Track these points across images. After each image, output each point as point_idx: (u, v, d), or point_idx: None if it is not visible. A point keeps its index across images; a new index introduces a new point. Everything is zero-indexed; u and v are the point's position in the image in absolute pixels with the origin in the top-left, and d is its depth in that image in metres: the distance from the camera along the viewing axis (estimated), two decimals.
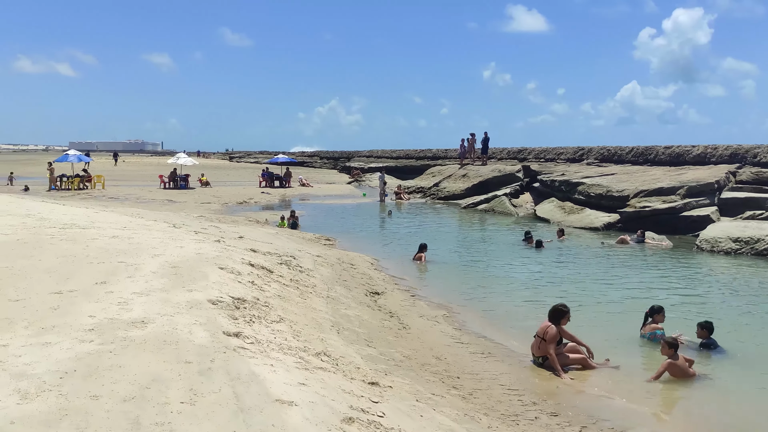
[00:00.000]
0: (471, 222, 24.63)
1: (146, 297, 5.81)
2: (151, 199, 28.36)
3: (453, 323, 9.05)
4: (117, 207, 21.28)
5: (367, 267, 12.83)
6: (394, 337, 7.37)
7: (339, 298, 8.66)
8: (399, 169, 43.79)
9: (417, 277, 13.18)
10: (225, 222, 17.95)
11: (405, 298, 10.34)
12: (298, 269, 9.68)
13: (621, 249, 17.22)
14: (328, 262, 11.73)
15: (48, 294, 5.73)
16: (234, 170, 61.93)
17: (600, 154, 29.57)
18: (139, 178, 44.89)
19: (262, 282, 7.73)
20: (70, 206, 15.16)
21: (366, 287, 10.30)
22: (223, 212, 24.25)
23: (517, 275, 13.65)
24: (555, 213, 23.63)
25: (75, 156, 35.28)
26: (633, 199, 21.12)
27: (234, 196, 31.49)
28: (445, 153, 43.46)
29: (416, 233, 20.45)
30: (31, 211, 12.33)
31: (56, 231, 9.59)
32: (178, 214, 18.83)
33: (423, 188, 35.02)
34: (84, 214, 12.63)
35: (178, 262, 7.61)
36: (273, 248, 11.18)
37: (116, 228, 10.56)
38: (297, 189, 38.31)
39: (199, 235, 11.05)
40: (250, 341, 4.89)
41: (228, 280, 7.11)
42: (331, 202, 31.22)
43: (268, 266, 8.78)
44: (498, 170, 32.37)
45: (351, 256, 13.71)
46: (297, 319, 6.62)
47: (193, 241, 9.61)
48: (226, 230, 13.28)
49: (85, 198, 27.85)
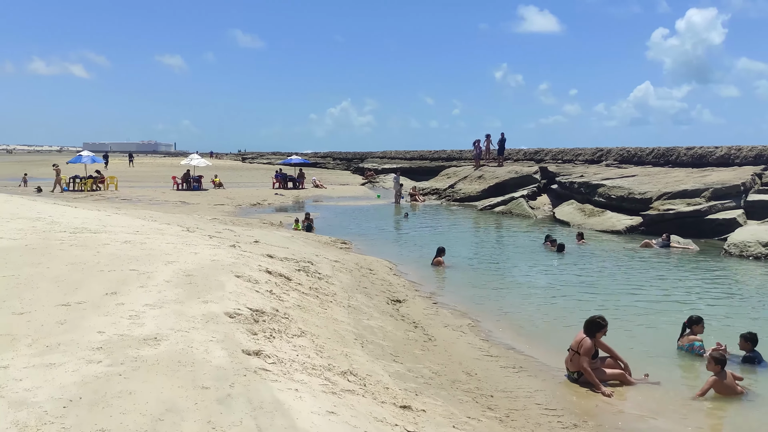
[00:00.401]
0: (489, 224, 24.15)
1: (159, 310, 5.43)
2: (164, 201, 28.11)
3: (479, 333, 8.62)
4: (129, 209, 21.01)
5: (386, 272, 12.41)
6: (420, 350, 6.95)
7: (360, 307, 8.25)
8: (413, 171, 43.29)
9: (437, 282, 12.75)
10: (239, 225, 17.60)
11: (427, 306, 9.91)
12: (317, 276, 9.28)
13: (646, 253, 16.69)
14: (346, 267, 11.33)
15: (55, 306, 5.36)
16: (247, 171, 61.76)
17: (619, 156, 28.96)
18: (152, 179, 44.74)
19: (281, 291, 7.33)
20: (81, 209, 14.87)
21: (387, 295, 9.88)
22: (236, 214, 23.93)
23: (540, 281, 13.18)
24: (575, 215, 23.09)
25: (88, 157, 35.13)
26: (656, 202, 20.55)
27: (247, 197, 31.18)
28: (460, 154, 42.94)
29: (433, 236, 20.02)
30: (41, 214, 12.02)
31: (66, 236, 9.25)
32: (191, 216, 18.51)
33: (438, 190, 34.55)
34: (96, 218, 12.31)
35: (193, 269, 7.23)
36: (290, 253, 10.80)
37: (128, 232, 10.22)
38: (310, 190, 37.96)
39: (213, 239, 10.68)
40: (272, 361, 4.49)
41: (245, 290, 6.72)
42: (345, 204, 30.84)
43: (286, 273, 8.38)
44: (515, 171, 31.84)
45: (369, 261, 13.30)
46: (319, 331, 6.22)
47: (208, 247, 9.24)
48: (240, 234, 12.92)
49: (97, 200, 27.65)
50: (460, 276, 13.46)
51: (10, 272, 6.58)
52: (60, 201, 19.06)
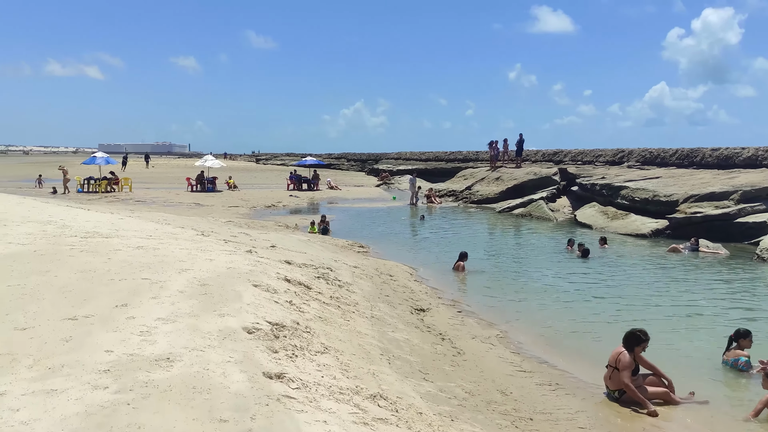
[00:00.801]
0: (508, 227, 23.62)
1: (172, 324, 5.02)
2: (178, 203, 27.85)
3: (509, 345, 8.15)
4: (143, 211, 20.73)
5: (406, 278, 11.97)
6: (450, 366, 6.49)
7: (384, 317, 7.81)
8: (429, 172, 42.77)
9: (460, 289, 12.29)
10: (254, 228, 17.24)
11: (452, 315, 9.45)
12: (337, 284, 8.85)
13: (674, 258, 16.10)
14: (366, 273, 10.90)
15: (61, 320, 4.97)
16: (261, 172, 61.59)
17: (641, 157, 28.26)
18: (166, 181, 44.62)
19: (301, 301, 6.91)
20: (94, 211, 14.56)
21: (410, 303, 9.44)
22: (251, 216, 23.60)
23: (566, 288, 12.65)
24: (597, 218, 22.49)
25: (102, 158, 35.00)
26: (683, 205, 19.92)
27: (262, 199, 30.87)
28: (476, 155, 42.36)
29: (452, 239, 19.56)
30: (53, 217, 11.70)
31: (77, 240, 8.90)
32: (206, 219, 18.18)
33: (455, 191, 34.05)
34: (108, 221, 11.98)
35: (208, 278, 6.83)
36: (308, 259, 10.38)
37: (141, 237, 9.85)
38: (325, 192, 37.61)
39: (229, 244, 10.29)
40: (296, 386, 4.06)
41: (263, 300, 6.31)
42: (360, 206, 30.43)
43: (305, 281, 7.96)
44: (533, 173, 31.28)
45: (389, 266, 12.87)
46: (343, 347, 5.78)
47: (224, 253, 8.85)
48: (256, 238, 12.53)
49: (111, 201, 27.45)
50: (482, 282, 12.99)
51: (17, 281, 6.22)
52: (73, 203, 18.81)
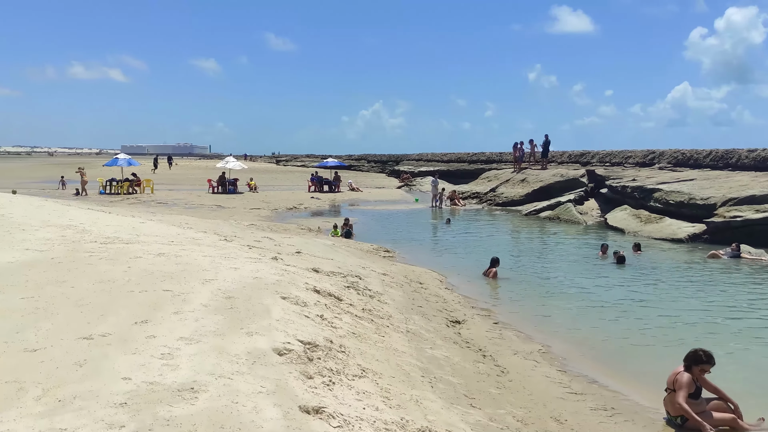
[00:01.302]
0: (536, 231, 22.95)
1: (196, 345, 4.55)
2: (199, 205, 27.60)
3: (553, 362, 7.58)
4: (165, 214, 20.44)
5: (436, 286, 11.44)
6: (496, 388, 5.95)
7: (420, 332, 7.29)
8: (451, 173, 42.15)
9: (493, 297, 11.71)
10: (277, 231, 16.82)
11: (489, 327, 8.90)
12: (368, 293, 8.35)
13: (715, 265, 15.35)
14: (396, 281, 10.39)
15: (75, 340, 4.53)
16: (282, 174, 61.42)
17: (673, 158, 27.42)
18: (188, 182, 44.54)
19: (332, 314, 6.42)
20: (115, 215, 14.24)
21: (444, 314, 8.91)
22: (273, 219, 23.22)
23: (605, 296, 12.00)
24: (629, 222, 21.73)
25: (124, 160, 34.95)
26: (721, 208, 19.11)
27: (283, 201, 30.53)
28: (500, 156, 41.66)
29: (479, 243, 18.98)
30: (73, 221, 11.36)
31: (96, 247, 8.51)
32: (228, 222, 17.80)
33: (479, 193, 33.41)
34: (129, 225, 11.61)
35: (234, 289, 6.36)
36: (336, 266, 9.90)
37: (162, 242, 9.44)
38: (347, 194, 37.19)
39: (253, 250, 9.85)
40: (337, 423, 3.55)
41: (293, 315, 5.82)
42: (382, 208, 29.94)
43: (335, 292, 7.47)
44: (560, 175, 30.54)
45: (417, 273, 12.35)
46: (381, 368, 5.28)
47: (248, 260, 8.39)
48: (281, 243, 12.09)
49: (133, 203, 27.27)
50: (515, 289, 12.41)
51: (31, 293, 5.80)
52: (95, 206, 18.55)
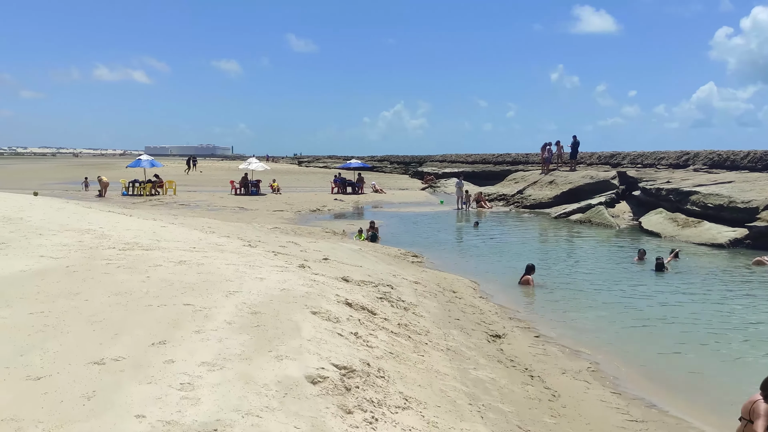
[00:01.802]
0: (567, 234, 22.20)
1: (220, 373, 4.03)
2: (222, 207, 27.27)
3: (605, 383, 6.95)
4: (187, 216, 20.09)
5: (471, 295, 10.84)
6: (551, 417, 5.35)
7: (460, 349, 6.70)
8: (475, 175, 41.44)
9: (530, 307, 11.08)
10: (302, 235, 16.34)
11: (531, 341, 8.28)
12: (402, 305, 7.79)
13: (761, 273, 14.53)
14: (429, 291, 9.82)
15: (85, 365, 4.03)
16: (304, 175, 61.14)
17: (709, 159, 26.46)
18: (210, 184, 44.40)
19: (367, 331, 5.87)
20: (136, 218, 13.85)
21: (483, 328, 8.31)
22: (296, 222, 22.77)
23: (646, 306, 11.26)
24: (666, 226, 20.89)
25: (147, 161, 34.81)
26: (764, 212, 18.20)
27: (306, 203, 30.10)
28: (526, 158, 40.85)
29: (510, 248, 18.32)
30: (92, 225, 10.97)
31: (114, 253, 8.06)
32: (251, 225, 17.36)
33: (505, 195, 32.66)
34: (150, 229, 11.18)
35: (260, 303, 5.84)
36: (365, 274, 9.35)
37: (184, 249, 8.98)
38: (370, 195, 36.67)
39: (278, 257, 9.34)
40: None
41: (326, 333, 5.28)
42: (407, 210, 29.35)
43: (368, 305, 6.92)
44: (590, 177, 29.69)
45: (449, 281, 11.75)
46: (424, 396, 4.71)
47: (275, 269, 7.88)
48: (307, 248, 11.57)
49: (155, 205, 27.03)
50: (553, 298, 11.76)
51: (41, 307, 5.34)
52: (117, 208, 18.25)
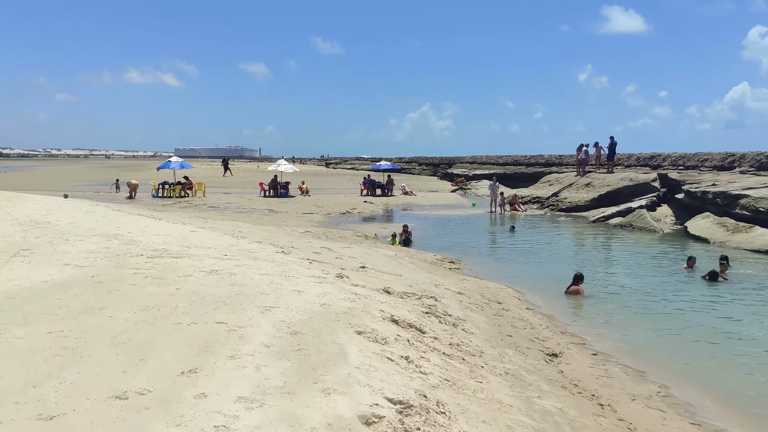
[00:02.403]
0: (609, 239, 21.27)
1: (259, 412, 3.44)
2: (251, 209, 26.92)
3: (681, 412, 6.22)
4: (217, 219, 19.72)
5: (516, 306, 10.15)
6: None
7: (519, 372, 6.04)
8: (507, 177, 40.48)
9: (582, 320, 10.33)
10: (334, 239, 15.79)
11: (591, 361, 7.58)
12: (449, 321, 7.15)
13: None
14: (474, 302, 9.16)
15: (105, 400, 3.48)
16: (332, 177, 60.83)
17: (756, 161, 25.32)
18: (239, 185, 44.27)
19: (418, 354, 5.24)
20: (166, 221, 13.44)
21: (538, 345, 7.62)
22: (327, 225, 22.26)
23: (704, 319, 10.39)
24: (714, 231, 19.85)
25: (177, 163, 34.67)
26: None
27: (336, 205, 29.61)
28: (560, 159, 39.91)
29: (549, 253, 17.55)
30: (120, 230, 10.55)
31: (142, 261, 7.57)
32: (282, 229, 16.87)
33: (540, 198, 31.78)
34: (179, 234, 10.72)
35: (299, 322, 5.26)
36: (406, 284, 8.74)
37: (215, 256, 8.46)
38: (400, 198, 36.05)
39: (314, 266, 8.77)
40: None
41: (375, 359, 4.68)
42: (438, 213, 28.67)
43: (416, 322, 6.30)
44: (629, 179, 28.70)
45: (493, 290, 11.08)
46: None
47: (312, 280, 7.30)
48: (341, 255, 11.00)
49: (185, 207, 26.78)
50: (603, 309, 10.99)
51: (61, 325, 4.83)
52: (146, 210, 17.93)
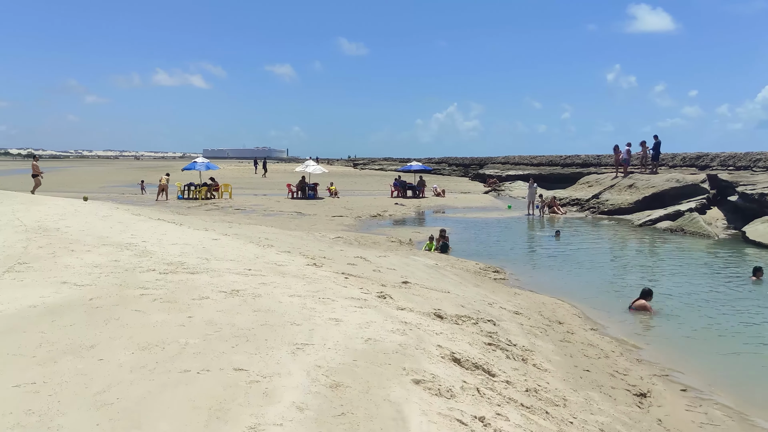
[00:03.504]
0: (660, 246, 19.70)
1: None
2: (278, 212, 25.93)
3: None
4: (242, 222, 18.72)
5: (580, 326, 8.87)
6: None
7: (615, 428, 4.79)
8: (543, 178, 38.92)
9: (656, 342, 8.96)
10: (367, 245, 14.64)
11: (684, 401, 6.28)
12: (516, 352, 5.92)
13: None
14: (534, 323, 7.91)
15: None
16: (360, 178, 59.81)
17: None
18: (266, 186, 43.47)
19: (492, 411, 4.04)
20: (187, 226, 12.42)
21: (620, 382, 6.35)
22: (358, 228, 21.14)
23: None
24: None
25: (203, 164, 33.84)
26: None
27: (366, 208, 28.48)
28: (598, 159, 38.24)
29: (599, 260, 16.19)
30: (135, 238, 9.53)
31: (153, 278, 6.50)
32: (311, 234, 15.76)
33: (579, 200, 30.24)
34: (199, 243, 9.66)
35: (341, 368, 4.10)
36: (457, 303, 7.53)
37: (237, 271, 7.36)
38: (432, 199, 34.79)
39: (351, 281, 7.61)
40: None
41: (443, 424, 3.49)
42: (473, 216, 27.36)
43: (481, 360, 5.09)
44: (675, 180, 27.04)
45: (549, 306, 9.81)
46: None
47: (351, 303, 6.13)
48: (378, 266, 9.83)
49: (210, 209, 25.91)
50: (676, 330, 9.65)
51: (34, 373, 3.73)
52: (168, 214, 16.98)
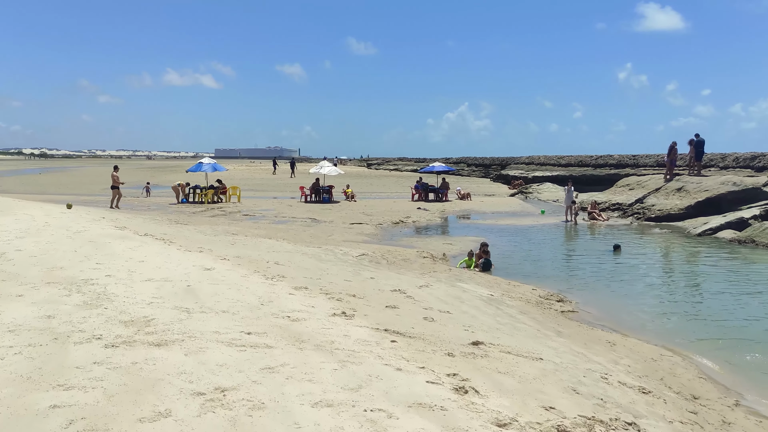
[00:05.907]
0: (737, 262, 16.84)
1: None
2: (291, 218, 23.42)
3: None
4: (250, 232, 16.24)
5: (718, 399, 6.26)
6: None
7: None
8: (574, 179, 36.09)
9: None
10: (398, 264, 12.07)
11: None
12: None
13: None
14: (674, 409, 5.30)
15: None
16: (375, 178, 57.29)
17: None
18: (277, 189, 41.06)
19: None
20: (178, 246, 9.91)
21: None
22: (380, 238, 18.57)
23: None
24: None
25: (209, 165, 31.35)
26: None
27: (387, 213, 25.90)
28: (635, 159, 35.44)
29: (680, 283, 13.52)
30: (100, 268, 7.04)
31: (89, 362, 3.99)
32: (332, 250, 13.18)
33: (620, 205, 27.49)
34: (184, 277, 7.13)
35: None
36: (566, 386, 4.94)
37: (229, 337, 4.82)
38: (456, 203, 32.12)
39: (403, 352, 5.05)
40: None
41: None
42: (504, 223, 24.63)
43: None
44: (732, 183, 24.30)
45: (663, 365, 7.18)
46: None
47: (419, 420, 3.57)
48: (428, 304, 7.24)
49: (216, 215, 23.47)
50: None
51: None
52: (163, 226, 14.50)
